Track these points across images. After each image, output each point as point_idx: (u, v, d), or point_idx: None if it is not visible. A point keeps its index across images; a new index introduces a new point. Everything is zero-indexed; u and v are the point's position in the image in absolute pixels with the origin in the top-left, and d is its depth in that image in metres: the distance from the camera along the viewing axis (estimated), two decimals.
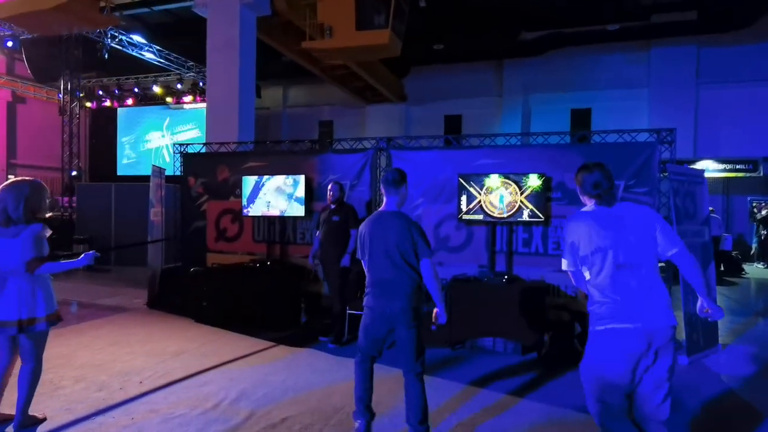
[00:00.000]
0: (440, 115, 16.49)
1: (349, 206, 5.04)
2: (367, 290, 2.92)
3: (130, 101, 15.96)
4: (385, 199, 2.94)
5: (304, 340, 4.96)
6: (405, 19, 10.10)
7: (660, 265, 2.25)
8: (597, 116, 14.71)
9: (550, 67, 14.77)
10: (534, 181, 4.79)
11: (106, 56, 11.02)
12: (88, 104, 16.04)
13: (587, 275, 2.22)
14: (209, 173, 6.46)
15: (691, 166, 10.89)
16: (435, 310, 2.90)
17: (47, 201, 2.97)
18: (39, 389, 3.09)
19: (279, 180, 5.80)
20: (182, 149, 6.72)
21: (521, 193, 4.80)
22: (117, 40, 11.51)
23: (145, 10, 12.08)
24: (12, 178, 2.99)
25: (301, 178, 5.73)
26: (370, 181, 5.78)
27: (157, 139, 16.63)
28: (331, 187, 4.98)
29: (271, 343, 4.86)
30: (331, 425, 3.13)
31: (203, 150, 6.82)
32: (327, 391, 3.68)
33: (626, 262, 2.11)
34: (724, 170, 13.06)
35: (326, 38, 9.66)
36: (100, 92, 15.66)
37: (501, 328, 4.62)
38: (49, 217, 2.83)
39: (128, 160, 17.01)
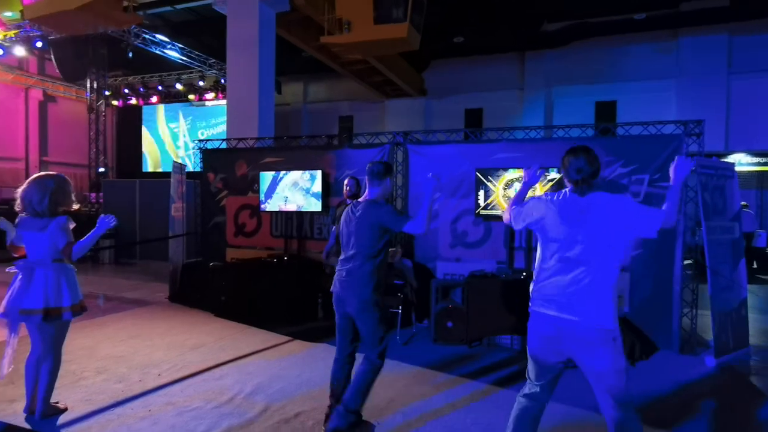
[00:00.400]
0: (461, 109, 16.30)
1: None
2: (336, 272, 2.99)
3: (154, 99, 16.28)
4: (367, 190, 2.96)
5: (320, 335, 4.96)
6: (424, 11, 9.97)
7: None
8: (623, 109, 14.29)
9: (574, 58, 14.42)
10: (553, 176, 4.67)
11: (131, 55, 11.25)
12: (115, 102, 16.43)
13: (538, 255, 2.29)
14: (228, 169, 6.52)
15: (723, 160, 10.48)
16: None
17: (72, 194, 3.04)
18: (62, 380, 3.19)
19: (296, 175, 5.81)
20: (202, 145, 6.79)
21: (540, 188, 4.69)
22: (141, 38, 11.73)
23: (168, 8, 12.29)
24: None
25: (318, 173, 5.73)
26: None
27: (181, 136, 16.93)
28: (348, 181, 4.95)
29: (288, 338, 4.88)
30: None
31: (223, 146, 6.88)
32: None
33: (572, 257, 2.11)
34: (758, 163, 12.52)
35: (344, 33, 9.62)
36: (126, 90, 16.01)
37: (519, 325, 4.53)
38: (76, 209, 2.93)
39: (156, 158, 17.38)
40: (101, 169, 14.27)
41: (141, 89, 15.81)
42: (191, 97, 15.89)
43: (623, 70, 14.16)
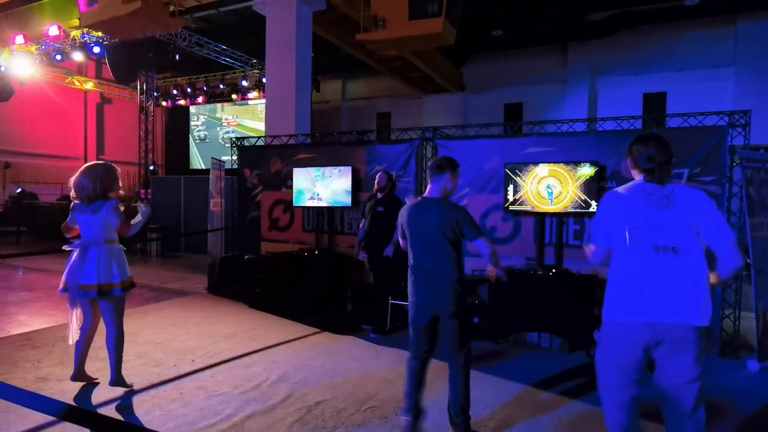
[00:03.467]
0: (500, 104, 16.01)
1: (395, 197, 5.05)
2: (409, 278, 2.85)
3: (200, 99, 16.96)
4: (429, 186, 2.87)
5: (348, 327, 5.06)
6: (460, 5, 9.85)
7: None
8: (673, 100, 13.58)
9: (620, 48, 13.83)
10: (586, 170, 4.53)
11: (177, 57, 11.77)
12: (164, 103, 17.25)
13: (614, 256, 2.06)
14: (263, 165, 6.72)
15: None
16: (492, 269, 2.82)
17: (119, 180, 3.29)
18: (106, 362, 3.43)
19: (327, 171, 5.92)
20: (239, 142, 7.04)
21: (572, 183, 4.56)
22: (187, 41, 12.24)
23: (212, 11, 12.77)
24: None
25: (348, 169, 5.81)
26: (416, 172, 5.75)
27: (228, 134, 17.56)
28: (379, 176, 4.98)
29: (316, 330, 5.00)
30: (362, 411, 3.18)
31: (259, 143, 7.11)
32: (363, 378, 3.74)
33: (667, 245, 1.91)
34: None
35: (379, 29, 9.66)
36: (174, 91, 16.77)
37: (547, 323, 4.45)
38: (123, 195, 3.26)
39: (203, 155, 18.13)
40: (150, 167, 15.05)
41: (188, 89, 16.51)
42: (234, 96, 16.45)
43: (674, 59, 13.44)
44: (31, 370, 3.74)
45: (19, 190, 13.88)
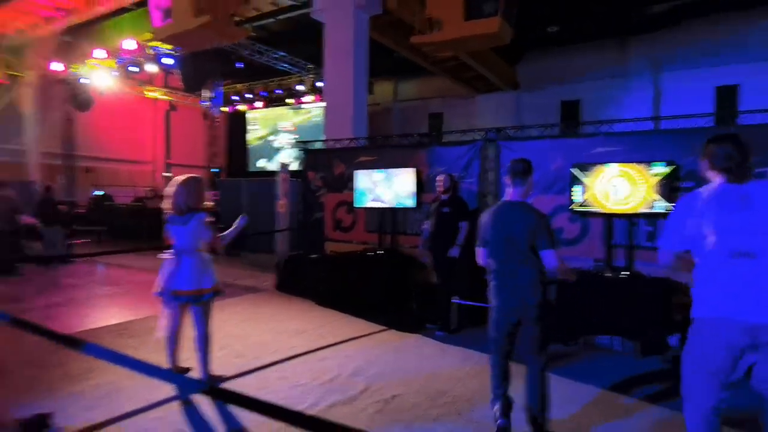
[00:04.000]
0: (555, 102, 15.61)
1: (459, 199, 5.12)
2: (490, 282, 2.92)
3: (259, 104, 17.70)
4: (510, 190, 2.91)
5: (413, 326, 5.18)
6: (516, 3, 9.75)
7: None
8: (748, 94, 12.73)
9: (687, 39, 13.12)
10: (660, 170, 4.41)
11: (239, 65, 12.37)
12: (225, 109, 18.12)
13: (695, 259, 2.04)
14: (326, 168, 6.98)
15: None
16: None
17: (204, 193, 3.56)
18: (194, 353, 3.73)
19: (389, 173, 6.08)
20: (304, 146, 7.35)
21: (644, 183, 4.45)
22: (249, 50, 12.84)
23: (270, 20, 13.32)
24: (171, 175, 3.65)
25: (410, 171, 5.94)
26: (479, 173, 5.79)
27: (282, 137, 18.21)
28: (443, 178, 5.06)
29: (382, 327, 5.16)
30: (437, 406, 3.29)
31: (322, 147, 7.39)
32: (432, 375, 3.84)
33: (744, 250, 1.89)
34: None
35: (435, 31, 9.73)
36: (235, 97, 17.60)
37: (618, 325, 4.37)
38: (208, 206, 3.53)
39: (259, 158, 18.92)
40: (215, 170, 15.88)
41: (247, 95, 17.28)
42: (290, 100, 17.04)
43: (748, 49, 12.59)
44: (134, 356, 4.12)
45: (99, 192, 15.03)
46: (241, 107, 18.21)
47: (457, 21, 9.51)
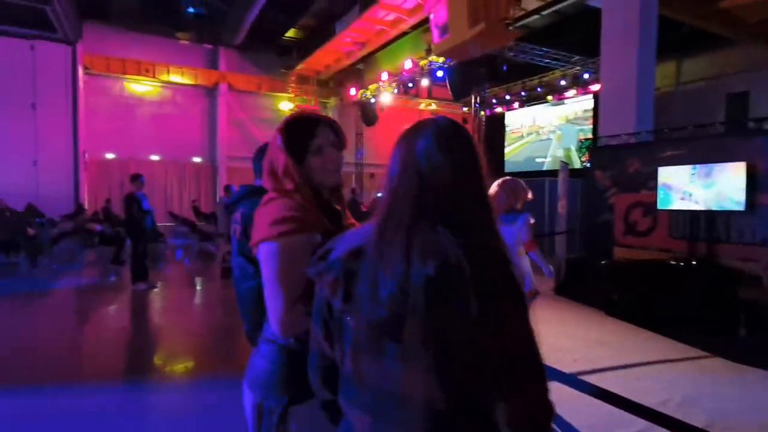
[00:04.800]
0: None
1: None
2: None
3: (516, 105, 17.64)
4: None
5: (747, 356, 4.19)
6: None
7: None
8: None
9: None
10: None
11: (505, 68, 12.52)
12: (482, 112, 18.70)
13: None
14: (618, 166, 6.34)
15: None
16: None
17: (522, 192, 3.60)
18: None
19: (707, 169, 5.09)
20: (589, 144, 6.87)
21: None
22: (513, 51, 12.89)
23: (535, 16, 13.04)
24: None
25: (738, 165, 4.84)
26: None
27: (542, 135, 17.71)
28: None
29: (704, 353, 4.35)
30: None
31: (607, 143, 6.76)
32: None
33: None
34: None
35: None
36: (494, 101, 17.98)
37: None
38: (531, 198, 3.60)
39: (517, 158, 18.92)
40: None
41: (506, 96, 17.43)
42: (549, 98, 16.37)
43: None
44: None
45: (379, 194, 17.56)
46: (498, 110, 18.50)
47: None
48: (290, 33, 17.10)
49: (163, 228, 11.72)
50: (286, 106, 18.73)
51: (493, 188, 3.58)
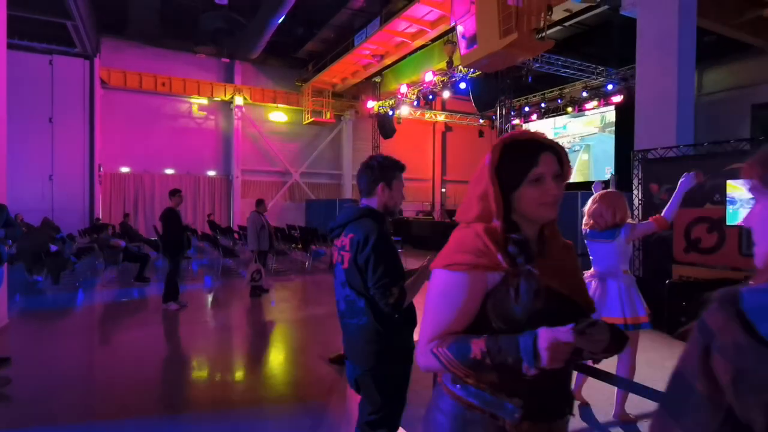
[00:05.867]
0: None
1: None
2: None
3: (534, 117, 17.42)
4: None
5: None
6: None
7: None
8: None
9: None
10: None
11: (530, 80, 12.33)
12: (508, 125, 18.50)
13: None
14: (676, 179, 6.03)
15: None
16: None
17: (624, 208, 3.24)
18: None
19: None
20: (642, 156, 6.59)
21: None
22: (540, 62, 12.70)
23: (558, 27, 12.89)
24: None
25: None
26: None
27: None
28: None
29: None
30: None
31: (663, 155, 6.48)
32: None
33: None
34: None
35: None
36: (512, 113, 17.79)
37: None
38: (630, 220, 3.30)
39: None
40: None
41: (524, 109, 17.22)
42: (569, 109, 16.16)
43: None
44: None
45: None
46: (516, 122, 18.28)
47: None
48: (307, 46, 17.02)
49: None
50: (304, 118, 18.59)
51: (591, 203, 3.27)
